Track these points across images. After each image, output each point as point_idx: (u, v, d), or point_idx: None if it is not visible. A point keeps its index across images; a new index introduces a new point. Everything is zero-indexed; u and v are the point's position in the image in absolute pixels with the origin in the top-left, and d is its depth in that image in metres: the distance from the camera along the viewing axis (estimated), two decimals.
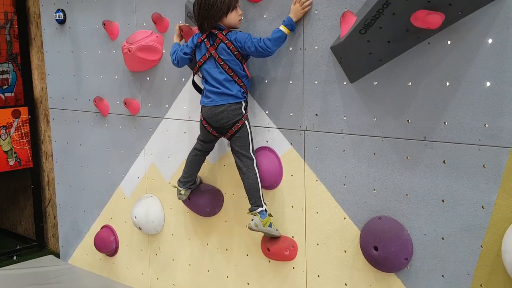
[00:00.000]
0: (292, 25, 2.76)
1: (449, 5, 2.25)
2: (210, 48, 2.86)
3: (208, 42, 2.88)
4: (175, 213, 3.67)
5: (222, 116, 2.89)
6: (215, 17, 2.81)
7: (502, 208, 2.32)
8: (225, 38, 2.83)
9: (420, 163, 2.54)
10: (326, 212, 2.90)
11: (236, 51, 2.83)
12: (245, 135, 2.92)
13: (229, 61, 2.84)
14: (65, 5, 4.09)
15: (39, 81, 4.87)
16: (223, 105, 2.88)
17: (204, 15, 2.82)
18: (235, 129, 2.90)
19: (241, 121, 2.90)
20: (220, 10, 2.80)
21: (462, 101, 2.38)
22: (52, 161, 4.67)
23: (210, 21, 2.83)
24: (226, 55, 2.84)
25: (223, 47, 2.84)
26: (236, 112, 2.89)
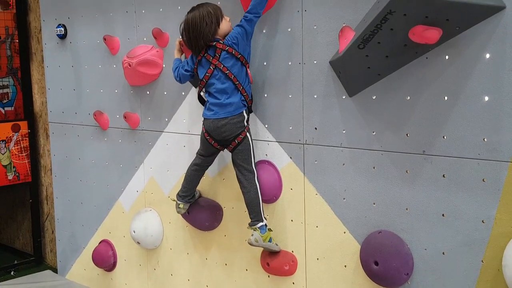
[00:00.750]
0: None
1: (447, 21, 2.27)
2: (213, 60, 2.88)
3: (209, 56, 2.90)
4: (174, 227, 3.66)
5: (225, 129, 2.89)
6: (210, 32, 2.86)
7: (502, 222, 2.32)
8: (224, 46, 2.85)
9: (419, 177, 2.54)
10: (326, 226, 2.89)
11: (239, 54, 2.85)
12: (247, 148, 2.92)
13: (233, 67, 2.86)
14: (66, 20, 4.12)
15: (39, 95, 4.88)
16: (226, 118, 2.88)
17: (197, 35, 2.86)
18: (238, 141, 2.90)
19: (243, 133, 2.90)
20: (212, 25, 2.86)
21: (461, 115, 2.39)
22: (51, 175, 4.66)
23: (206, 38, 2.86)
24: (230, 62, 2.86)
25: (225, 54, 2.85)
26: (238, 125, 2.89)
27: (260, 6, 2.80)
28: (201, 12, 2.88)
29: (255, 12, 2.81)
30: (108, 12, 3.80)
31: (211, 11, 2.89)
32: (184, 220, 3.50)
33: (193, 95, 3.40)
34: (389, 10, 2.27)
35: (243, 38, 2.85)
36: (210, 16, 2.86)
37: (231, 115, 2.88)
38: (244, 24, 2.82)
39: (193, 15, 2.90)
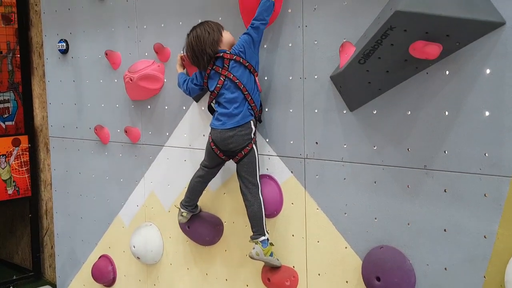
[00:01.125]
0: None
1: (447, 36, 2.28)
2: (223, 71, 2.88)
3: (218, 67, 2.90)
4: (174, 242, 3.65)
5: (232, 141, 2.89)
6: (214, 40, 2.88)
7: (504, 238, 2.31)
8: (231, 55, 2.86)
9: (421, 192, 2.54)
10: (327, 241, 2.88)
11: (247, 63, 2.85)
12: (252, 160, 2.91)
13: (242, 76, 2.86)
14: (68, 36, 4.14)
15: (40, 109, 4.90)
16: (234, 129, 2.87)
17: (203, 47, 2.88)
18: (244, 153, 2.90)
19: (250, 144, 2.90)
20: (214, 33, 2.89)
21: (462, 130, 2.39)
22: (51, 190, 4.66)
23: (212, 46, 2.88)
24: (238, 71, 2.86)
25: (234, 63, 2.86)
26: (246, 137, 2.89)
27: (266, 12, 2.80)
28: (201, 27, 2.92)
29: (262, 18, 2.81)
30: (110, 27, 3.82)
31: (211, 24, 2.93)
32: (184, 235, 3.49)
33: (194, 110, 3.41)
34: (389, 26, 2.28)
35: (250, 46, 2.85)
36: (211, 27, 2.91)
37: (239, 125, 2.87)
38: (250, 32, 2.83)
39: (194, 32, 2.94)
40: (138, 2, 3.62)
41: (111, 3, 3.78)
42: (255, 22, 2.81)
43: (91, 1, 3.90)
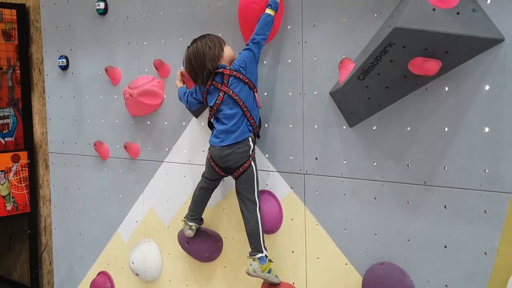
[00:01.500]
0: (277, 6, 2.81)
1: (446, 53, 2.30)
2: (222, 87, 2.86)
3: (217, 83, 2.89)
4: (173, 258, 3.63)
5: (230, 158, 2.88)
6: (215, 55, 2.86)
7: (505, 254, 2.31)
8: (231, 71, 2.84)
9: (421, 208, 2.53)
10: (327, 258, 2.87)
11: (247, 79, 2.84)
12: (250, 177, 2.90)
13: (241, 92, 2.84)
14: (68, 52, 4.16)
15: (40, 125, 4.90)
16: (232, 146, 2.86)
17: (202, 62, 2.86)
18: (242, 170, 2.89)
19: (248, 161, 2.88)
20: (215, 48, 2.87)
21: (462, 146, 2.39)
22: (50, 206, 4.64)
23: (212, 61, 2.86)
24: (238, 87, 2.84)
25: (233, 79, 2.84)
26: (244, 155, 2.87)
27: (266, 27, 2.81)
28: (202, 41, 2.91)
29: (262, 33, 2.81)
30: (110, 44, 3.84)
31: (213, 38, 2.92)
32: (183, 251, 3.47)
33: (193, 125, 3.41)
34: (388, 42, 2.29)
35: (251, 62, 2.84)
36: (212, 41, 2.89)
37: (236, 142, 2.86)
38: (252, 47, 2.82)
39: (195, 45, 2.92)
40: (138, 19, 3.64)
41: (112, 20, 3.81)
42: (256, 37, 2.82)
43: (92, 17, 3.93)
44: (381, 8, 2.56)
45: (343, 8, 2.70)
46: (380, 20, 2.57)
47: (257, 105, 2.92)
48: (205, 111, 3.32)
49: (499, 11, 2.24)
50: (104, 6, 3.81)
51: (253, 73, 2.87)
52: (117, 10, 3.77)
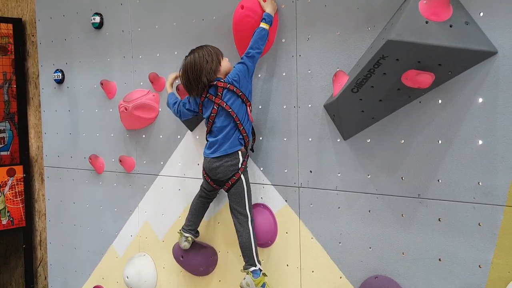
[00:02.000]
0: (271, 20, 2.81)
1: (439, 65, 2.30)
2: (216, 100, 2.85)
3: (211, 95, 2.88)
4: (168, 272, 3.61)
5: (219, 171, 2.88)
6: (212, 69, 2.84)
7: (499, 267, 2.30)
8: (225, 84, 2.83)
9: (415, 221, 2.53)
10: (322, 271, 2.85)
11: (240, 92, 2.83)
12: (240, 190, 2.89)
13: (235, 104, 2.83)
14: (64, 66, 4.16)
15: (35, 139, 4.89)
16: (221, 158, 2.86)
17: (199, 75, 2.85)
18: (232, 183, 2.88)
19: (237, 174, 2.88)
20: (213, 62, 2.85)
21: (455, 159, 2.39)
22: (45, 220, 4.62)
23: (209, 75, 2.84)
24: (231, 100, 2.83)
25: (227, 92, 2.83)
26: (232, 168, 2.87)
27: (261, 41, 2.81)
28: (200, 53, 2.88)
29: (257, 47, 2.81)
30: (105, 57, 3.85)
31: (211, 50, 2.90)
32: (178, 265, 3.45)
33: (188, 139, 3.41)
34: (382, 55, 2.30)
35: (244, 75, 2.84)
36: (210, 55, 2.87)
37: (226, 154, 2.86)
38: (245, 61, 2.82)
39: (192, 57, 2.89)
40: (133, 32, 3.66)
41: (107, 34, 3.82)
42: (251, 51, 2.82)
43: (87, 31, 3.94)
44: (374, 22, 2.58)
45: (337, 22, 2.71)
46: (374, 33, 2.58)
47: (249, 119, 2.92)
48: (200, 124, 3.32)
49: (492, 23, 2.26)
50: (99, 20, 3.83)
51: (246, 86, 2.87)
52: (112, 24, 3.78)
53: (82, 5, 3.95)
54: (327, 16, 2.75)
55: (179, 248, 3.34)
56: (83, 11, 3.95)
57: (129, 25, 3.68)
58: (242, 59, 2.84)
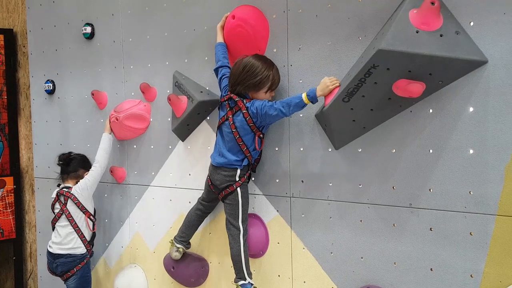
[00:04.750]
0: (313, 97, 2.58)
1: (430, 75, 2.31)
2: (229, 112, 2.81)
3: (228, 105, 2.83)
4: (159, 283, 3.58)
5: (217, 178, 2.87)
6: (249, 86, 2.74)
7: (490, 276, 2.29)
8: (244, 107, 2.75)
9: (407, 231, 2.52)
10: (313, 282, 2.84)
11: (252, 123, 2.75)
12: (235, 203, 2.85)
13: (241, 129, 2.77)
14: (54, 76, 4.15)
15: (26, 150, 4.86)
16: (220, 167, 2.85)
17: (241, 80, 2.74)
18: (225, 193, 2.86)
19: (231, 187, 2.84)
20: (258, 84, 2.72)
21: (446, 168, 2.39)
22: (35, 232, 4.58)
23: (242, 87, 2.75)
24: (240, 123, 2.77)
25: (240, 115, 2.76)
26: (228, 178, 2.84)
27: (296, 108, 2.61)
28: (264, 68, 2.72)
29: (290, 111, 2.62)
30: (96, 68, 3.84)
31: (274, 75, 2.75)
32: (169, 276, 3.42)
33: (180, 149, 3.39)
34: (372, 64, 2.30)
35: (265, 116, 2.68)
36: (268, 78, 2.72)
37: (225, 166, 2.85)
38: (278, 107, 2.63)
39: (255, 63, 2.72)
40: (124, 43, 3.65)
41: (98, 44, 3.81)
42: (283, 109, 2.62)
43: (78, 41, 3.93)
44: (365, 31, 2.58)
45: (328, 31, 2.72)
46: (365, 43, 2.59)
47: (255, 148, 2.83)
48: (191, 134, 3.31)
49: (482, 33, 2.27)
50: (91, 31, 3.82)
51: (261, 124, 2.77)
52: (103, 34, 3.78)
53: (73, 16, 3.95)
54: (318, 26, 2.75)
55: (170, 259, 3.32)
56: (74, 22, 3.94)
57: (121, 35, 3.68)
58: (276, 104, 2.64)
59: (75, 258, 3.53)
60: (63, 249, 3.54)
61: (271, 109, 2.65)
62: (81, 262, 3.54)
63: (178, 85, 3.27)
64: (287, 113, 2.65)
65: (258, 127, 2.78)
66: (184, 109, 3.21)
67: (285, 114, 2.65)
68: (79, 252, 3.54)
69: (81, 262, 3.54)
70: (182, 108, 3.21)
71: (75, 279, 3.54)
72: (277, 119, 2.73)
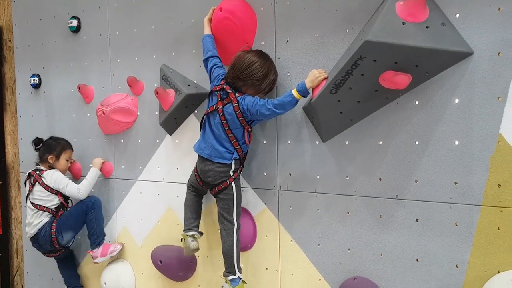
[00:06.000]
0: (304, 91, 2.58)
1: (416, 66, 2.32)
2: (219, 103, 2.79)
3: (219, 95, 2.80)
4: (146, 278, 3.57)
5: (210, 175, 2.82)
6: (249, 84, 2.73)
7: (476, 266, 2.31)
8: (235, 100, 2.74)
9: (393, 222, 2.54)
10: (301, 274, 2.84)
11: (242, 117, 2.74)
12: (229, 197, 2.82)
13: (231, 122, 2.75)
14: (40, 70, 4.12)
15: (12, 146, 4.82)
16: (213, 163, 2.81)
17: (245, 76, 2.72)
18: (218, 189, 2.82)
19: (225, 182, 2.81)
20: (260, 85, 2.73)
21: (432, 160, 2.41)
22: (22, 228, 4.54)
23: (242, 83, 2.74)
24: (230, 116, 2.75)
25: (230, 108, 2.75)
26: (222, 174, 2.80)
27: (288, 106, 2.61)
28: (265, 67, 2.73)
29: (282, 108, 2.62)
30: (83, 61, 3.81)
31: (272, 78, 2.76)
32: (157, 270, 3.41)
33: (167, 142, 3.39)
34: (359, 55, 2.31)
35: (256, 113, 2.68)
36: (267, 80, 2.74)
37: (217, 162, 2.79)
38: (270, 107, 2.62)
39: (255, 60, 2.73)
40: (111, 36, 3.63)
41: (85, 37, 3.79)
42: (276, 110, 2.61)
43: (65, 35, 3.90)
44: (353, 24, 2.59)
45: (316, 24, 2.72)
46: (352, 35, 2.60)
47: (244, 142, 2.81)
48: (179, 128, 3.30)
49: (468, 25, 2.28)
50: (77, 24, 3.80)
51: (251, 119, 2.77)
52: (90, 27, 3.76)
53: (59, 9, 3.92)
54: (305, 18, 2.76)
55: (158, 253, 3.31)
56: (60, 15, 3.92)
57: (107, 28, 3.66)
58: (269, 104, 2.63)
59: (46, 226, 3.57)
60: (35, 229, 3.60)
61: (263, 108, 2.64)
62: (51, 226, 3.55)
63: (166, 79, 3.26)
64: (280, 113, 2.65)
65: (248, 122, 2.77)
66: (172, 103, 3.20)
67: (279, 114, 2.67)
68: (46, 221, 3.57)
69: (51, 226, 3.55)
70: (169, 102, 3.20)
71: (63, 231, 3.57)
72: (270, 118, 2.73)
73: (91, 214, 3.57)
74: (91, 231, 3.58)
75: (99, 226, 3.61)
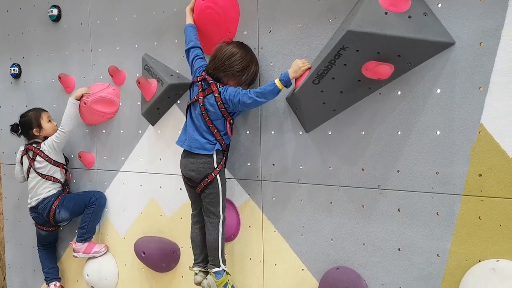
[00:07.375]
0: (287, 81, 2.57)
1: (398, 56, 2.32)
2: (200, 94, 2.76)
3: (201, 86, 2.77)
4: (129, 269, 3.55)
5: (193, 168, 2.78)
6: (229, 75, 2.72)
7: (457, 255, 2.33)
8: (216, 91, 2.71)
9: (375, 212, 2.55)
10: (284, 264, 2.85)
11: (223, 108, 2.71)
12: (215, 191, 2.78)
13: (212, 113, 2.73)
14: (20, 60, 4.06)
15: None
16: (194, 156, 2.77)
17: (219, 65, 2.71)
18: (204, 184, 2.77)
19: (210, 175, 2.76)
20: (236, 73, 2.72)
21: (414, 150, 2.42)
22: (3, 219, 4.50)
23: (223, 74, 2.73)
24: (211, 107, 2.73)
25: (212, 98, 2.72)
26: (206, 166, 2.76)
27: (270, 94, 2.60)
28: (246, 60, 2.73)
29: (264, 97, 2.60)
30: (63, 51, 3.77)
31: (253, 70, 2.76)
32: (140, 261, 3.40)
33: (150, 133, 3.36)
34: (342, 45, 2.31)
35: (230, 101, 2.68)
36: (251, 73, 2.75)
37: (200, 153, 2.76)
38: (252, 96, 2.61)
39: (235, 51, 2.72)
40: (92, 25, 3.59)
41: (65, 26, 3.74)
42: (258, 99, 2.60)
43: (45, 24, 3.85)
44: (335, 13, 2.59)
45: (299, 14, 2.71)
46: (335, 25, 2.59)
47: (226, 133, 2.79)
48: (162, 118, 3.28)
49: (450, 15, 2.29)
50: (57, 13, 3.74)
51: (233, 110, 2.74)
52: (70, 16, 3.71)
53: None
54: (288, 8, 2.75)
55: (141, 244, 3.30)
56: (40, 4, 3.86)
57: (88, 17, 3.61)
58: (250, 93, 2.62)
59: (51, 197, 3.57)
60: (38, 200, 3.58)
61: (244, 97, 2.63)
62: (56, 199, 3.56)
63: (148, 68, 3.23)
64: (262, 102, 2.64)
65: (229, 113, 2.75)
66: (154, 93, 3.17)
67: (260, 103, 2.65)
68: (53, 193, 3.58)
69: (56, 198, 3.56)
70: (152, 92, 3.18)
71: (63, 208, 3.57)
72: (251, 107, 2.72)
73: (90, 209, 3.56)
74: (83, 224, 3.56)
75: (93, 223, 3.60)
